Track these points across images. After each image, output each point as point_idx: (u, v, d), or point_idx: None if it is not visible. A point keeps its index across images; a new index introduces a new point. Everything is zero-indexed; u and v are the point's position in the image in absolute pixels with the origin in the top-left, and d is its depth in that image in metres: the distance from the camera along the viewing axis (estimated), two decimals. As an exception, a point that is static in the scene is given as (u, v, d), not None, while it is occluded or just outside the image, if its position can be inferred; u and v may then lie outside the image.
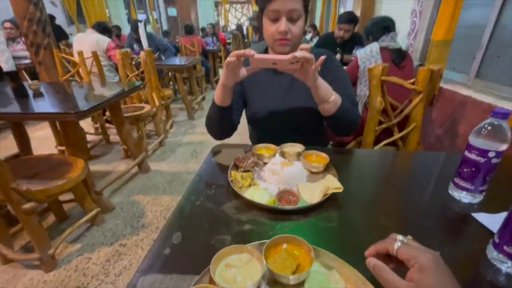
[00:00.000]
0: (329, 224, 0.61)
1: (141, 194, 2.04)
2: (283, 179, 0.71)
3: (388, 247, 0.39)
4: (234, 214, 0.63)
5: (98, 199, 1.76)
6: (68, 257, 1.48)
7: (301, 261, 0.47)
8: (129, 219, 1.77)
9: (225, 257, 0.47)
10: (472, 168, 0.64)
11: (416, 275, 0.34)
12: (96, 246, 1.55)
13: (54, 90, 1.89)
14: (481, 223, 0.60)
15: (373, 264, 0.38)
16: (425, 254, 0.35)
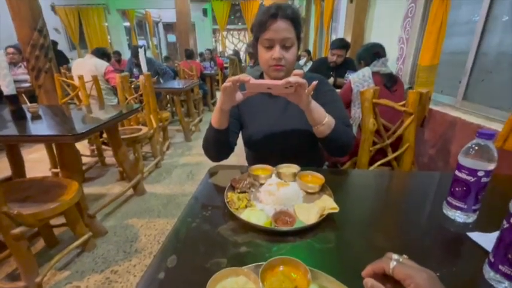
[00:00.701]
0: (326, 244, 0.60)
1: (135, 217, 2.00)
2: (280, 200, 0.71)
3: (384, 266, 0.39)
4: (230, 236, 0.63)
5: (91, 223, 1.72)
6: (55, 285, 1.41)
7: (298, 283, 0.46)
8: (122, 243, 1.72)
9: (221, 281, 0.46)
10: (463, 188, 0.66)
11: None
12: (86, 274, 1.49)
13: (52, 113, 1.91)
14: (477, 242, 0.60)
15: (371, 285, 0.38)
16: (421, 273, 0.35)
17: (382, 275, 0.40)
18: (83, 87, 2.67)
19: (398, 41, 2.53)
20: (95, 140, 2.74)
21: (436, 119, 1.89)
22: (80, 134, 1.41)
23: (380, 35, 3.00)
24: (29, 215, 1.24)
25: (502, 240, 0.48)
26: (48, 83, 2.90)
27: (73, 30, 6.18)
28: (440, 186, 0.87)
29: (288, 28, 0.88)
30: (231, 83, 0.74)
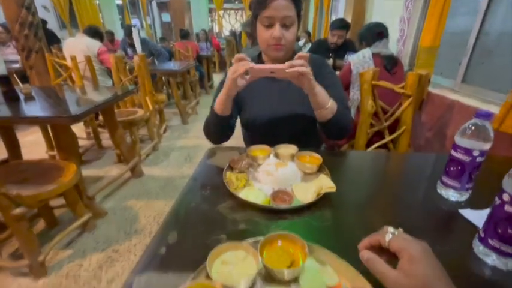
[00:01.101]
0: (323, 222, 0.62)
1: (133, 199, 2.02)
2: (278, 180, 0.72)
3: (380, 239, 0.40)
4: (229, 214, 0.64)
5: (90, 204, 1.74)
6: (58, 264, 1.45)
7: (295, 257, 0.48)
8: (122, 224, 1.75)
9: (221, 254, 0.48)
10: (458, 167, 0.67)
11: (407, 265, 0.35)
12: (87, 253, 1.52)
13: (45, 94, 1.87)
14: (468, 219, 0.62)
15: (366, 258, 0.39)
16: (415, 245, 0.37)
17: (378, 247, 0.41)
18: (76, 68, 2.60)
19: (400, 21, 2.47)
20: (91, 122, 2.71)
21: (434, 102, 1.89)
22: (76, 116, 1.39)
23: (381, 15, 2.92)
24: (28, 197, 1.24)
25: (493, 216, 0.49)
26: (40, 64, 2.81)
27: (62, 8, 5.91)
28: (435, 167, 0.88)
29: (288, 6, 0.85)
30: (240, 74, 0.74)
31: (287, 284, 0.45)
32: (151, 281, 0.47)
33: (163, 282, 0.46)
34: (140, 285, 0.46)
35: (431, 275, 0.34)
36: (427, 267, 0.35)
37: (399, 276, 0.35)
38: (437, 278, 0.34)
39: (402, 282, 0.35)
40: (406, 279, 0.34)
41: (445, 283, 0.34)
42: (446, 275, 0.35)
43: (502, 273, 0.49)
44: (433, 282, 0.34)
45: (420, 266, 0.35)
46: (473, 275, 0.49)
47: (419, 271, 0.34)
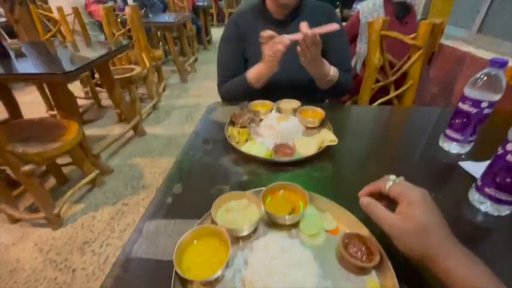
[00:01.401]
0: (323, 174, 0.63)
1: (138, 157, 2.06)
2: (280, 134, 0.72)
3: (381, 186, 0.41)
4: (232, 167, 0.65)
5: (96, 162, 1.78)
6: (73, 216, 1.54)
7: (296, 204, 0.50)
8: (129, 180, 1.82)
9: (225, 203, 0.50)
10: (463, 119, 0.66)
11: (405, 208, 0.37)
12: (99, 206, 1.61)
13: (36, 51, 1.78)
14: (467, 170, 0.63)
15: (366, 203, 0.41)
16: (415, 190, 0.38)
17: (378, 195, 0.43)
18: (65, 21, 2.43)
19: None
20: (88, 81, 2.63)
21: (445, 55, 1.79)
22: (70, 73, 1.34)
23: (397, -46, 2.59)
24: (34, 154, 1.27)
25: (493, 165, 0.50)
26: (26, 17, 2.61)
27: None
28: (439, 121, 0.87)
29: None
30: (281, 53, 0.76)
31: (288, 229, 0.48)
32: (160, 227, 0.50)
33: (171, 228, 0.49)
34: (149, 230, 0.49)
35: (429, 218, 0.35)
36: (425, 211, 0.36)
37: (397, 219, 0.37)
38: (434, 221, 0.35)
39: (400, 225, 0.36)
40: (403, 222, 0.36)
41: (441, 227, 0.35)
42: (443, 219, 0.36)
43: (493, 219, 0.52)
44: (429, 225, 0.35)
45: (418, 209, 0.36)
46: (467, 221, 0.52)
47: (417, 214, 0.36)
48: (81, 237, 1.41)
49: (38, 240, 1.41)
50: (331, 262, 0.43)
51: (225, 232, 0.42)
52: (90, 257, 1.31)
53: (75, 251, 1.34)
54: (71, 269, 1.26)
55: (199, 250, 0.43)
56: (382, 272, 0.40)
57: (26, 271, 1.26)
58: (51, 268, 1.27)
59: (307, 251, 0.40)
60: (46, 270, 1.26)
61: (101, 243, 1.38)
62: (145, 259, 0.44)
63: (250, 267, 0.39)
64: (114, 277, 0.42)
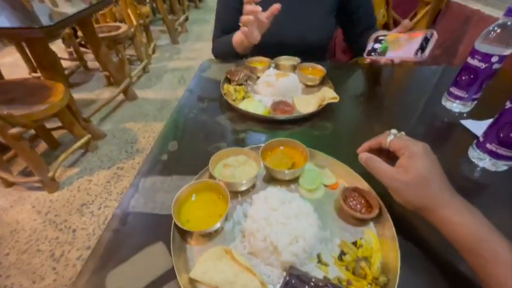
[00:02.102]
0: (323, 132, 0.62)
1: (131, 121, 2.01)
2: (278, 91, 0.69)
3: (382, 141, 0.40)
4: (229, 125, 0.63)
5: (87, 126, 1.73)
6: (68, 180, 1.54)
7: (296, 160, 0.49)
8: (123, 145, 1.79)
9: (223, 159, 0.49)
10: (470, 76, 0.63)
11: (406, 161, 0.36)
12: (94, 170, 1.60)
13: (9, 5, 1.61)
14: (468, 128, 0.62)
15: (366, 157, 0.40)
16: (416, 143, 0.37)
17: (377, 150, 0.41)
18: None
19: None
20: (70, 40, 2.45)
21: (452, 12, 1.68)
22: (49, 27, 1.23)
23: None
24: (20, 116, 1.21)
25: (499, 120, 0.49)
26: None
27: None
28: (441, 80, 0.84)
29: None
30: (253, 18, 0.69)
31: (287, 184, 0.48)
32: (156, 183, 0.49)
33: (168, 184, 0.48)
34: (146, 186, 0.48)
35: (429, 170, 0.35)
36: (426, 163, 0.35)
37: (397, 172, 0.36)
38: (434, 173, 0.35)
39: (400, 177, 0.35)
40: (403, 174, 0.35)
41: (440, 179, 0.35)
42: (443, 172, 0.36)
43: (490, 174, 0.52)
44: (430, 176, 0.34)
45: (419, 162, 0.35)
46: (465, 177, 0.52)
47: (418, 166, 0.35)
48: (79, 199, 1.43)
49: (35, 203, 1.42)
50: (330, 214, 0.43)
51: (223, 186, 0.42)
52: (89, 218, 1.33)
53: (74, 213, 1.36)
54: (71, 229, 1.29)
55: (198, 204, 0.42)
56: (380, 224, 0.41)
57: (26, 231, 1.28)
58: (52, 228, 1.30)
59: (307, 203, 0.40)
60: (46, 230, 1.29)
61: (99, 205, 1.40)
62: (143, 213, 0.44)
63: (249, 219, 0.39)
64: (112, 230, 0.41)
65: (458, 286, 0.35)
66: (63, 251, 1.21)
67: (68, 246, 1.23)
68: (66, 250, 1.21)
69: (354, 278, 0.34)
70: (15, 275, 1.13)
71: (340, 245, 0.38)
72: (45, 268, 1.15)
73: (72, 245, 1.23)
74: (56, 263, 1.16)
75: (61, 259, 1.17)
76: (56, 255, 1.19)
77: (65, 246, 1.22)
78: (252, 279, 0.33)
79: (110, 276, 0.35)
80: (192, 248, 0.38)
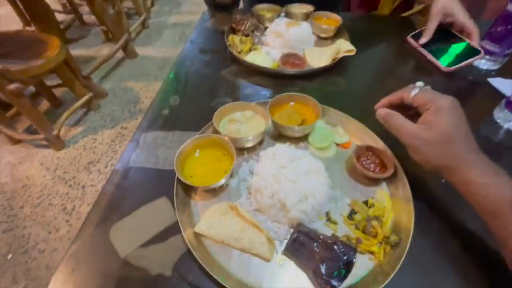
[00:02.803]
0: (337, 88, 0.57)
1: (132, 80, 1.95)
2: (288, 42, 0.62)
3: (404, 95, 0.36)
4: (234, 79, 0.58)
5: (88, 84, 1.68)
6: (73, 138, 1.54)
7: (306, 117, 0.45)
8: (125, 104, 1.76)
9: (228, 114, 0.45)
10: (508, 26, 0.56)
11: (431, 116, 0.32)
12: (98, 129, 1.60)
13: None
14: (496, 87, 0.57)
15: (385, 113, 0.36)
16: (444, 97, 0.33)
17: (397, 107, 0.38)
18: None
19: None
20: (63, -11, 2.27)
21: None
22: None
23: None
24: (17, 71, 1.17)
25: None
26: None
27: None
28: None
29: None
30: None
31: (296, 142, 0.45)
32: (158, 138, 0.46)
33: (170, 140, 0.46)
34: (147, 141, 0.46)
35: (456, 126, 0.31)
36: (453, 119, 0.31)
37: (420, 129, 0.32)
38: (460, 131, 0.31)
39: (422, 134, 0.32)
40: (427, 131, 0.32)
41: (467, 136, 0.31)
42: (469, 130, 0.32)
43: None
44: (455, 133, 0.31)
45: (446, 117, 0.31)
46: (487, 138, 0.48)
47: (443, 122, 0.31)
48: (85, 157, 1.44)
49: (43, 160, 1.44)
50: (341, 174, 0.41)
51: (228, 141, 0.39)
52: (97, 175, 1.36)
53: (82, 170, 1.39)
54: (80, 185, 1.32)
55: (202, 160, 0.40)
56: (393, 184, 0.39)
57: (37, 187, 1.33)
58: (61, 184, 1.33)
59: (317, 160, 0.38)
60: (57, 186, 1.33)
61: (105, 163, 1.42)
62: (145, 168, 0.42)
63: (256, 176, 0.37)
64: (114, 184, 0.40)
65: (471, 248, 0.33)
66: (74, 205, 1.25)
67: (79, 201, 1.27)
68: (77, 205, 1.25)
69: (364, 237, 0.33)
70: (31, 226, 1.19)
71: (351, 204, 0.36)
72: (59, 220, 1.20)
73: (83, 200, 1.27)
74: (69, 216, 1.22)
75: (73, 213, 1.23)
76: (67, 209, 1.24)
77: (76, 201, 1.27)
78: (259, 235, 0.32)
79: (113, 229, 0.35)
80: (197, 204, 0.37)
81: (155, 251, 0.33)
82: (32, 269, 1.07)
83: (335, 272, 0.29)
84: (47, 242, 1.15)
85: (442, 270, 0.32)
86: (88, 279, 0.31)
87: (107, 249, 0.33)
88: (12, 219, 1.21)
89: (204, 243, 0.33)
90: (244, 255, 0.32)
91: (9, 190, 1.31)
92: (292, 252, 0.31)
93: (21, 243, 1.14)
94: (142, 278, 0.31)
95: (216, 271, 0.30)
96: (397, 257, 0.30)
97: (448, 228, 0.35)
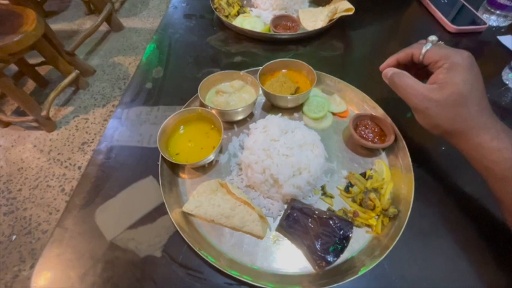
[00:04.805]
0: (333, 52, 0.53)
1: (120, 55, 1.85)
2: (280, 3, 0.56)
3: (414, 51, 0.32)
4: (222, 46, 0.53)
5: (73, 61, 1.59)
6: (64, 119, 1.50)
7: (300, 85, 0.42)
8: (115, 81, 1.68)
9: (215, 84, 0.42)
10: (525, -26, 0.50)
11: (444, 74, 0.28)
12: (89, 108, 1.54)
13: None
14: (505, 45, 0.53)
15: (392, 73, 0.32)
16: (460, 52, 0.29)
17: (405, 66, 0.34)
18: None
19: None
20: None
21: None
22: None
23: None
24: (-7, 49, 1.09)
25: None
26: None
27: None
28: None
29: None
30: None
31: (289, 113, 0.42)
32: (141, 114, 0.43)
33: (154, 115, 0.43)
34: (130, 118, 0.43)
35: (470, 86, 0.28)
36: (468, 77, 0.28)
37: (430, 89, 0.29)
38: (474, 92, 0.28)
39: (432, 95, 0.29)
40: (437, 91, 0.28)
41: (481, 98, 0.28)
42: (484, 92, 0.29)
43: (524, 98, 0.45)
44: (469, 95, 0.28)
45: (461, 75, 0.28)
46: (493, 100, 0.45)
47: (458, 80, 0.28)
48: (78, 138, 1.41)
49: (36, 142, 1.41)
50: (337, 145, 0.38)
51: (216, 115, 0.36)
52: (92, 156, 1.34)
53: (76, 151, 1.36)
54: (76, 166, 1.31)
55: (188, 135, 0.37)
56: (393, 153, 0.36)
57: (33, 169, 1.31)
58: (57, 166, 1.32)
59: (312, 131, 0.35)
60: (52, 168, 1.31)
61: (100, 143, 1.39)
62: (129, 147, 0.39)
63: (247, 150, 0.34)
64: (97, 165, 0.38)
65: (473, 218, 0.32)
66: (72, 186, 1.25)
67: (76, 182, 1.26)
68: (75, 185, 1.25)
69: (361, 210, 0.31)
70: (31, 208, 1.20)
71: (348, 176, 0.34)
72: (58, 201, 1.21)
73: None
74: (68, 197, 1.22)
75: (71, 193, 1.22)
76: (66, 190, 1.24)
77: (73, 182, 1.26)
78: (251, 213, 0.30)
79: (98, 211, 0.33)
80: (184, 182, 0.35)
81: (143, 233, 0.32)
82: (37, 249, 1.09)
83: (331, 248, 0.28)
84: (49, 222, 1.16)
85: (443, 241, 0.30)
86: (74, 264, 0.30)
87: (93, 233, 0.32)
88: (11, 202, 1.22)
89: (194, 223, 0.32)
90: (236, 233, 0.31)
91: (5, 174, 1.30)
92: (286, 229, 0.30)
93: (24, 225, 1.15)
94: (130, 260, 0.30)
95: (207, 251, 0.29)
96: (396, 230, 0.29)
97: (448, 198, 0.33)
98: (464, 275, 0.28)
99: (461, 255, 0.30)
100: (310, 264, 0.29)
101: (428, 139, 0.34)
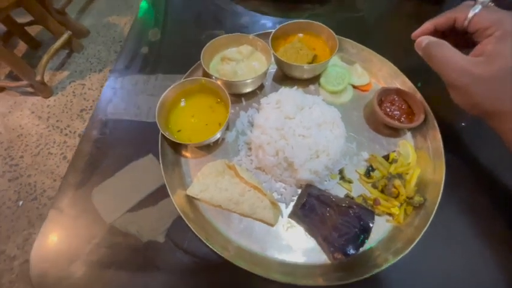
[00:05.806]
0: (354, 14, 0.46)
1: (114, 15, 1.71)
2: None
3: (458, 15, 0.26)
4: (227, 5, 0.46)
5: (64, 20, 1.48)
6: (60, 84, 1.43)
7: (318, 52, 0.36)
8: (111, 44, 1.58)
9: (220, 50, 0.36)
10: None
11: (494, 44, 0.24)
12: (85, 73, 1.47)
13: None
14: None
15: (428, 41, 0.27)
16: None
17: (444, 34, 0.28)
18: None
19: None
20: None
21: None
22: None
23: None
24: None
25: None
26: None
27: None
28: None
29: None
30: None
31: (305, 85, 0.37)
32: (137, 83, 0.38)
33: (152, 85, 0.38)
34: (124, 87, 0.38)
35: None
36: None
37: (474, 62, 0.24)
38: None
39: (475, 69, 0.24)
40: (484, 65, 0.24)
41: None
42: None
43: None
44: None
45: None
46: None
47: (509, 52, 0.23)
48: (76, 104, 1.36)
49: (33, 108, 1.37)
50: (358, 123, 0.34)
51: (221, 87, 0.31)
52: (92, 124, 1.31)
53: (75, 118, 1.33)
54: (76, 133, 1.28)
55: (191, 110, 0.33)
56: (421, 134, 0.32)
57: (33, 136, 1.29)
58: (57, 133, 1.29)
59: (332, 108, 0.31)
60: (53, 135, 1.29)
61: (99, 110, 1.34)
62: (126, 121, 0.35)
63: (257, 129, 0.30)
64: (92, 141, 0.34)
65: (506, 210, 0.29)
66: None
67: (78, 150, 1.25)
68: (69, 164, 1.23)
69: (383, 197, 0.28)
70: (35, 174, 1.20)
71: (369, 159, 0.31)
72: (61, 169, 1.20)
73: (81, 149, 1.25)
74: (70, 165, 1.21)
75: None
76: (68, 158, 1.23)
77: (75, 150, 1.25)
78: (261, 199, 0.28)
79: (95, 192, 0.31)
80: (188, 162, 0.32)
81: (145, 216, 0.29)
82: (44, 214, 1.11)
83: (350, 239, 0.25)
84: (54, 189, 1.16)
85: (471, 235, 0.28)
86: (71, 249, 0.28)
87: (90, 215, 0.29)
88: (14, 168, 1.21)
89: (200, 207, 0.29)
90: (245, 219, 0.29)
91: (5, 140, 1.28)
92: (301, 218, 0.27)
93: (29, 191, 1.16)
94: (131, 245, 0.28)
95: (214, 239, 0.26)
96: (421, 220, 0.26)
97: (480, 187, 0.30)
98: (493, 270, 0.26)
99: (491, 252, 0.27)
100: (325, 254, 0.26)
101: (462, 119, 0.29)
